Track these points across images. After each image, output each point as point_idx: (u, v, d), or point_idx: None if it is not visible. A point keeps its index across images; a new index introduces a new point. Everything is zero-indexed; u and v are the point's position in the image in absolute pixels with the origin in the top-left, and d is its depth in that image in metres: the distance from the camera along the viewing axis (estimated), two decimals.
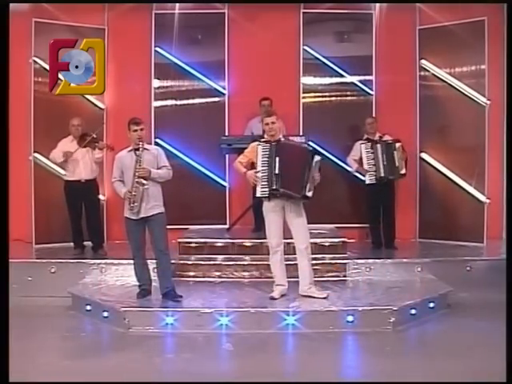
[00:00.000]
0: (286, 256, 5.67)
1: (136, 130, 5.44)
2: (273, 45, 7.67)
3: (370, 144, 7.00)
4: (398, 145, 6.88)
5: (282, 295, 5.55)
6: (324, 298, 5.51)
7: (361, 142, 7.10)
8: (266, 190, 5.43)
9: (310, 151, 5.53)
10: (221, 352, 4.86)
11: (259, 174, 5.45)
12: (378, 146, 6.95)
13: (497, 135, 7.26)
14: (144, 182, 5.36)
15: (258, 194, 5.51)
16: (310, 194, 5.41)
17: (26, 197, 7.36)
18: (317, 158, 5.43)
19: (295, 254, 5.59)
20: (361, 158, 7.07)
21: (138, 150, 5.43)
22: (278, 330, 5.14)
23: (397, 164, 6.86)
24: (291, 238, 5.62)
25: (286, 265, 5.65)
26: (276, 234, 5.55)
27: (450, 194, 7.51)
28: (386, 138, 7.06)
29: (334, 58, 7.76)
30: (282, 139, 5.59)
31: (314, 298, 5.50)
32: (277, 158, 5.41)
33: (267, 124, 5.54)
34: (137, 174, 5.36)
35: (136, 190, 5.36)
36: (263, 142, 5.54)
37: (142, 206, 5.40)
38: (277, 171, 5.38)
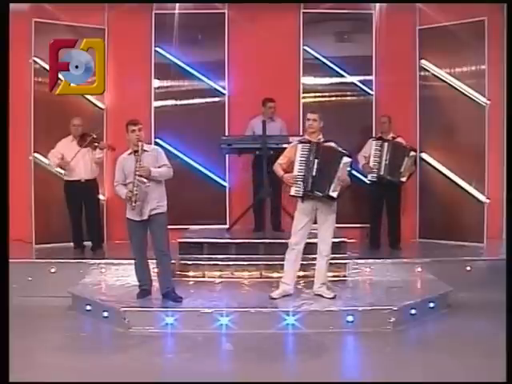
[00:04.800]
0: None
1: (134, 131, 5.41)
2: (273, 45, 7.66)
3: (380, 142, 6.97)
4: (412, 153, 6.87)
5: (284, 295, 5.54)
6: (331, 298, 5.51)
7: (373, 138, 7.10)
8: (301, 190, 5.41)
9: (339, 152, 5.44)
10: (221, 352, 4.87)
11: (295, 174, 5.41)
12: (386, 144, 6.93)
13: (497, 135, 7.24)
14: (145, 180, 5.35)
15: (292, 193, 5.46)
16: (334, 194, 5.36)
17: (26, 197, 7.35)
18: (345, 159, 5.37)
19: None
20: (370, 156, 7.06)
21: (137, 151, 5.42)
22: (278, 329, 5.14)
23: (402, 169, 6.81)
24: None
25: None
26: (299, 233, 5.51)
27: (450, 194, 7.51)
28: (400, 140, 7.02)
29: (334, 57, 7.75)
30: (322, 140, 5.49)
31: (323, 297, 5.50)
32: (315, 160, 5.37)
33: (308, 120, 5.50)
34: (137, 173, 5.35)
35: (138, 190, 5.35)
36: (304, 141, 5.48)
37: (144, 207, 5.39)
38: (314, 173, 5.36)
